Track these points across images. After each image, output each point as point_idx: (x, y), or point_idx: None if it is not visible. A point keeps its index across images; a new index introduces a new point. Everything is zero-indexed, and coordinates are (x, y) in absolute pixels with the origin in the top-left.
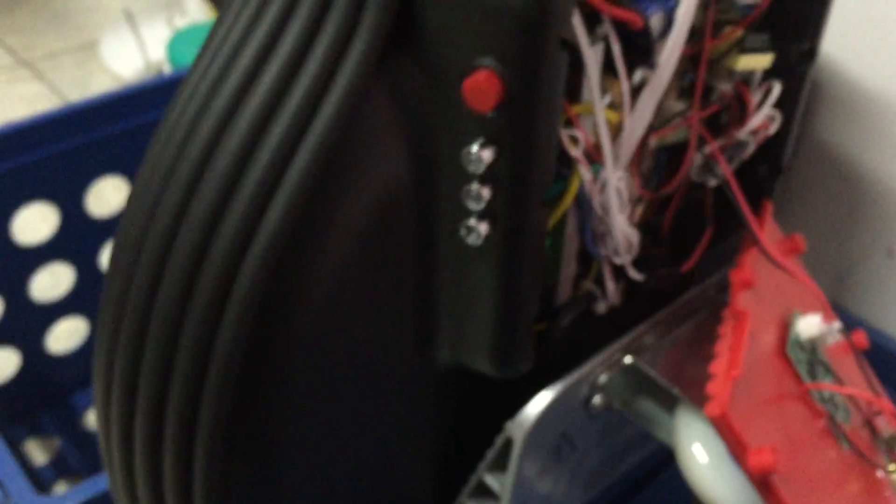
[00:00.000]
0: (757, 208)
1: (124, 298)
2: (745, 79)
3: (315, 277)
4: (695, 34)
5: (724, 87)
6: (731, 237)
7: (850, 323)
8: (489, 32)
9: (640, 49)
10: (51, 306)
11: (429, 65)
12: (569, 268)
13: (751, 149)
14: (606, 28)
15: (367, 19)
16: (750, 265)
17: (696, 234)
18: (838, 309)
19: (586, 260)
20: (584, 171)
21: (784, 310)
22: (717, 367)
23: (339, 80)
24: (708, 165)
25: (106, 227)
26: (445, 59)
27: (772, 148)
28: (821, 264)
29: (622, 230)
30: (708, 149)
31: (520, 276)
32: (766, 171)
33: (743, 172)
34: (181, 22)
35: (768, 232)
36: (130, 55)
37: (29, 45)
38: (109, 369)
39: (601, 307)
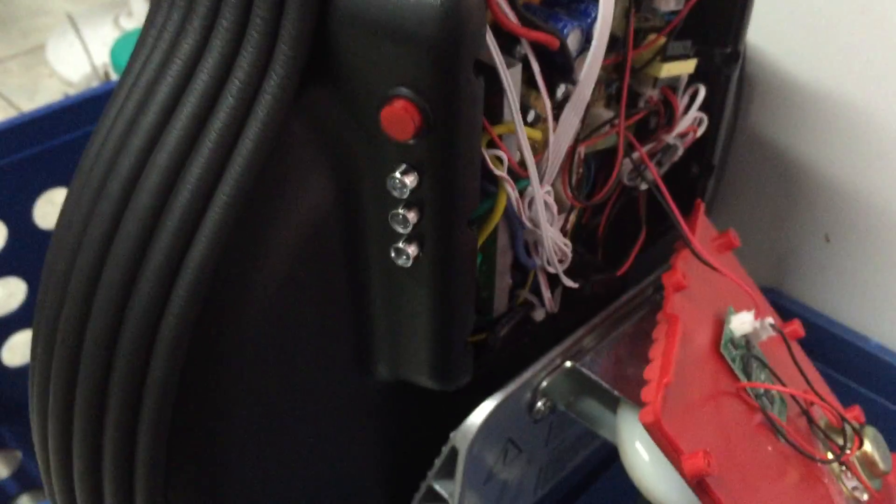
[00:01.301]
0: (690, 208)
1: (53, 333)
2: (671, 84)
3: (247, 305)
4: (618, 43)
5: (651, 93)
6: (666, 236)
7: (790, 307)
8: (403, 63)
9: (559, 67)
10: (4, 320)
11: (347, 95)
12: (503, 280)
13: (679, 152)
14: (525, 48)
15: (281, 53)
16: (682, 267)
17: (631, 236)
18: (779, 294)
19: (522, 270)
20: (510, 190)
21: (718, 308)
22: (651, 372)
23: (256, 113)
24: (638, 170)
25: None
26: (362, 90)
27: (702, 148)
28: (761, 252)
29: (553, 241)
30: (637, 154)
31: (452, 294)
32: (698, 170)
33: (675, 173)
34: (127, 23)
35: (701, 230)
36: (77, 59)
37: None
38: (43, 404)
39: (539, 315)
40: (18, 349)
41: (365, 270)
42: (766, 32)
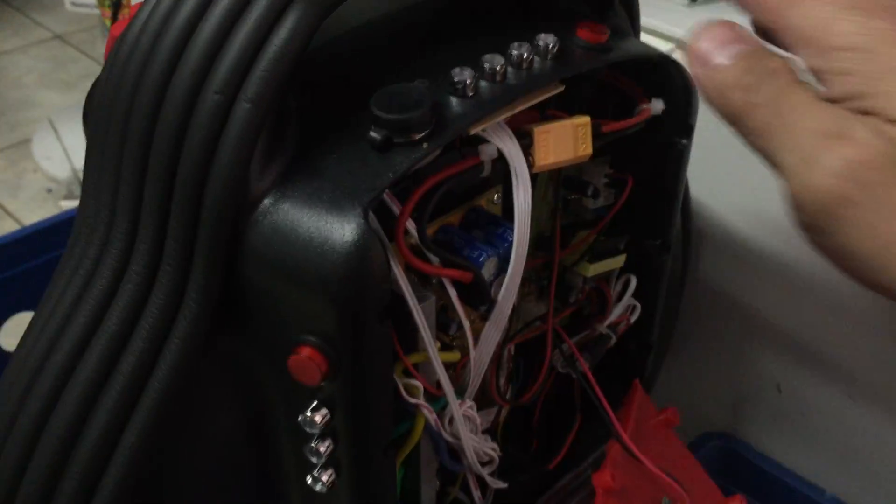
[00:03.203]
0: (629, 386)
1: None
2: (605, 275)
3: None
4: (546, 242)
5: (583, 286)
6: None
7: (746, 454)
8: (308, 311)
9: (477, 291)
10: None
11: (257, 338)
12: (430, 484)
13: (612, 342)
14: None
15: (190, 299)
16: (611, 465)
17: (570, 419)
18: (735, 440)
19: (451, 471)
20: (427, 414)
21: (655, 500)
22: None
23: (165, 356)
24: (569, 362)
25: None
26: (271, 335)
27: (639, 328)
28: (718, 398)
29: (477, 450)
30: (567, 346)
31: None
32: (636, 349)
33: (617, 347)
34: None
35: (640, 409)
36: (62, 155)
37: None
38: None
39: None
40: None
41: (287, 494)
42: (710, 190)
